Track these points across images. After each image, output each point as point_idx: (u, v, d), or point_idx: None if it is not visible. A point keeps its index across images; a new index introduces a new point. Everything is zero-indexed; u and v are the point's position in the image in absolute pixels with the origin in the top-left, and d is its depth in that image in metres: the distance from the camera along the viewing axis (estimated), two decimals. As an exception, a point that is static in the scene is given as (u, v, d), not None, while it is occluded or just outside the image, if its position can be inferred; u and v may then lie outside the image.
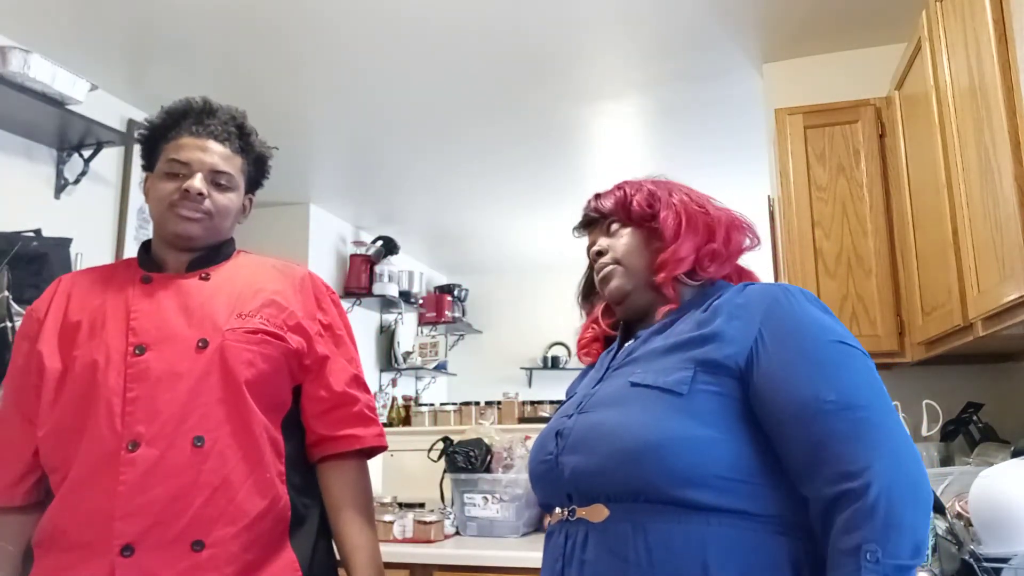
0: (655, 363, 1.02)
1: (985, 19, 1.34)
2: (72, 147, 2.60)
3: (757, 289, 1.04)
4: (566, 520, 1.01)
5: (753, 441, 0.94)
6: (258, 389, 1.25)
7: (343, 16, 2.33)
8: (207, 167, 1.30)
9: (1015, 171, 1.24)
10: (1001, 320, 1.39)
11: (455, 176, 3.81)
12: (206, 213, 1.30)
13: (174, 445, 1.17)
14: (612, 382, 1.07)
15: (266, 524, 1.22)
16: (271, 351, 1.27)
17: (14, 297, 1.97)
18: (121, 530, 1.13)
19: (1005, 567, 1.24)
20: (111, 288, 1.31)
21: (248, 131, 1.39)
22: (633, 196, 1.16)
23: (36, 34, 2.37)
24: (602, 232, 1.20)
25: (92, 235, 2.71)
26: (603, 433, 0.98)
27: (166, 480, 1.16)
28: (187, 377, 1.21)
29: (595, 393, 1.07)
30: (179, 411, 1.19)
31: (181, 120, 1.33)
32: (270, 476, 1.23)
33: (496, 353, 5.67)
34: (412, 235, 4.78)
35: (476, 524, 2.31)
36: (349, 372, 1.37)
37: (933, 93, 1.68)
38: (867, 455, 0.86)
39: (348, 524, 1.31)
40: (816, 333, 0.96)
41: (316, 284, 1.41)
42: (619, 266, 1.16)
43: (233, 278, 1.34)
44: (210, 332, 1.24)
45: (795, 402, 0.91)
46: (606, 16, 2.36)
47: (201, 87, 2.81)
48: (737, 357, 0.96)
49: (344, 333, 1.41)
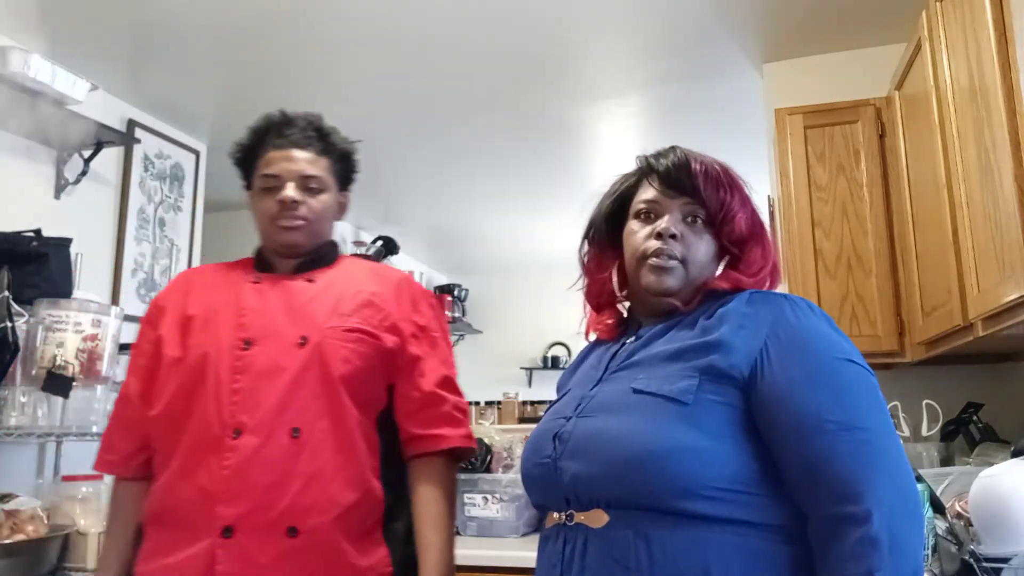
0: (659, 369, 0.99)
1: (985, 19, 1.34)
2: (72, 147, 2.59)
3: (763, 300, 1.02)
4: (564, 524, 0.99)
5: (756, 452, 0.93)
6: (353, 385, 1.31)
7: (343, 16, 2.33)
8: (295, 175, 1.38)
9: (1015, 171, 1.24)
10: (1001, 320, 1.39)
11: (455, 176, 3.81)
12: (304, 219, 1.38)
13: (273, 435, 1.25)
14: (613, 386, 1.04)
15: (358, 515, 1.27)
16: (366, 349, 1.34)
17: (14, 297, 1.96)
18: (222, 513, 1.21)
19: (1005, 567, 1.24)
20: (226, 285, 1.41)
21: (327, 132, 1.46)
22: (739, 211, 1.08)
23: (36, 34, 2.36)
24: (679, 208, 1.08)
25: (92, 235, 2.71)
26: (605, 441, 0.96)
27: (264, 468, 1.23)
28: (288, 371, 1.28)
29: (594, 396, 1.04)
30: (279, 403, 1.26)
31: (264, 136, 1.43)
32: (363, 470, 1.30)
33: (496, 353, 5.67)
34: (412, 235, 4.78)
35: (476, 524, 2.31)
36: (440, 373, 1.41)
37: (933, 93, 1.68)
38: (868, 478, 0.86)
39: (423, 522, 1.33)
40: (822, 349, 0.95)
41: (413, 288, 1.48)
42: (682, 267, 1.07)
43: (335, 281, 1.42)
44: (311, 330, 1.32)
45: (797, 419, 0.91)
46: (607, 16, 2.36)
47: (201, 87, 2.83)
48: (741, 368, 0.94)
49: (439, 335, 1.46)
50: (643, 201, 1.11)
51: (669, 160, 1.09)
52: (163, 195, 3.07)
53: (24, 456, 2.35)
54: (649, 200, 1.10)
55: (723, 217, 1.07)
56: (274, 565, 1.20)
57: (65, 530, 2.00)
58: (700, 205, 1.07)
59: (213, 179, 3.39)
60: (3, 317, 1.88)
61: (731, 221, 1.07)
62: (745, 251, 1.10)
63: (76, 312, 2.03)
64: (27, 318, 2.00)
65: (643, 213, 1.10)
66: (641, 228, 1.10)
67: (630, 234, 1.11)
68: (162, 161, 3.07)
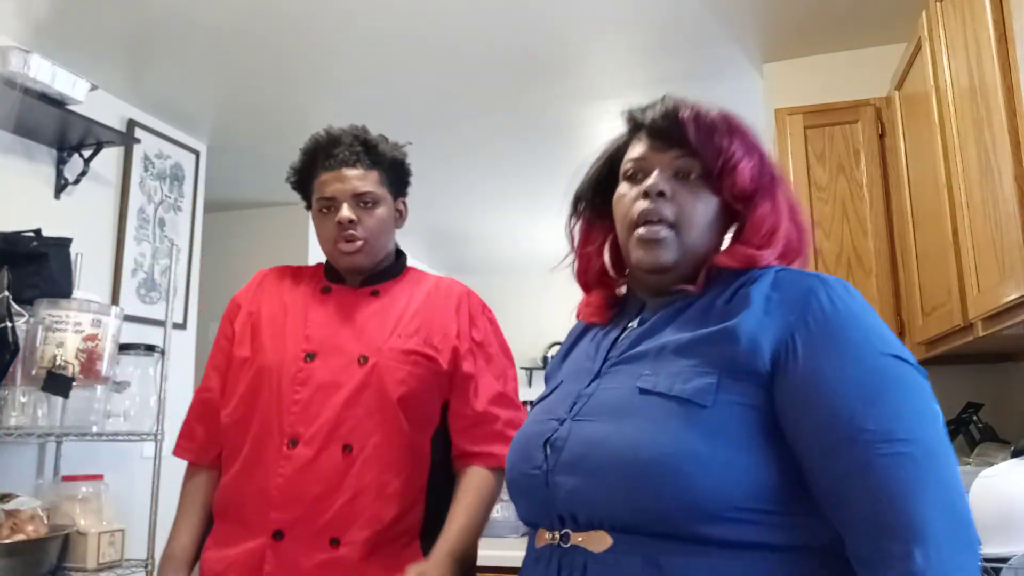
0: (668, 364, 0.83)
1: (985, 19, 1.34)
2: (72, 147, 2.59)
3: (791, 279, 0.85)
4: (557, 546, 0.83)
5: (782, 460, 0.78)
6: (409, 406, 1.34)
7: (343, 17, 2.33)
8: (348, 194, 1.41)
9: (1015, 171, 1.24)
10: (1001, 320, 1.39)
11: (455, 176, 3.81)
12: (363, 239, 1.41)
13: (326, 449, 1.29)
14: (614, 382, 0.88)
15: (398, 530, 1.31)
16: (422, 371, 1.37)
17: (14, 297, 1.96)
18: (275, 517, 1.27)
19: (1005, 567, 1.24)
20: (297, 291, 1.46)
21: (373, 143, 1.48)
22: (742, 159, 0.90)
23: (36, 34, 2.36)
24: (670, 163, 0.92)
25: (92, 235, 2.71)
26: (608, 453, 0.80)
27: (315, 479, 1.28)
28: (345, 388, 1.32)
29: (592, 395, 0.88)
30: (334, 418, 1.30)
31: (314, 158, 1.45)
32: (409, 488, 1.33)
33: (496, 353, 5.67)
34: (412, 235, 4.78)
35: (476, 524, 2.31)
36: (494, 389, 1.43)
37: (933, 93, 1.68)
38: (910, 505, 0.70)
39: (455, 505, 1.35)
40: (860, 341, 0.79)
41: (472, 303, 1.51)
42: (674, 234, 0.90)
43: (400, 296, 1.46)
44: (371, 349, 1.36)
45: (825, 426, 0.75)
46: (607, 16, 2.36)
47: (201, 87, 2.83)
48: (763, 361, 0.79)
49: (496, 350, 1.49)
50: (631, 160, 0.96)
51: (656, 110, 0.95)
52: (163, 195, 3.07)
53: (24, 456, 2.35)
54: (637, 158, 0.95)
55: (723, 167, 0.90)
56: (315, 571, 1.25)
57: (65, 530, 2.01)
58: (693, 157, 0.91)
59: (213, 179, 3.39)
60: (3, 317, 1.88)
61: (733, 172, 0.90)
62: (751, 209, 0.92)
63: (76, 312, 2.03)
64: (27, 318, 2.00)
65: (631, 173, 0.96)
66: (629, 191, 0.95)
67: (618, 199, 0.97)
68: (162, 161, 3.07)
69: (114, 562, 2.14)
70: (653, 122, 0.95)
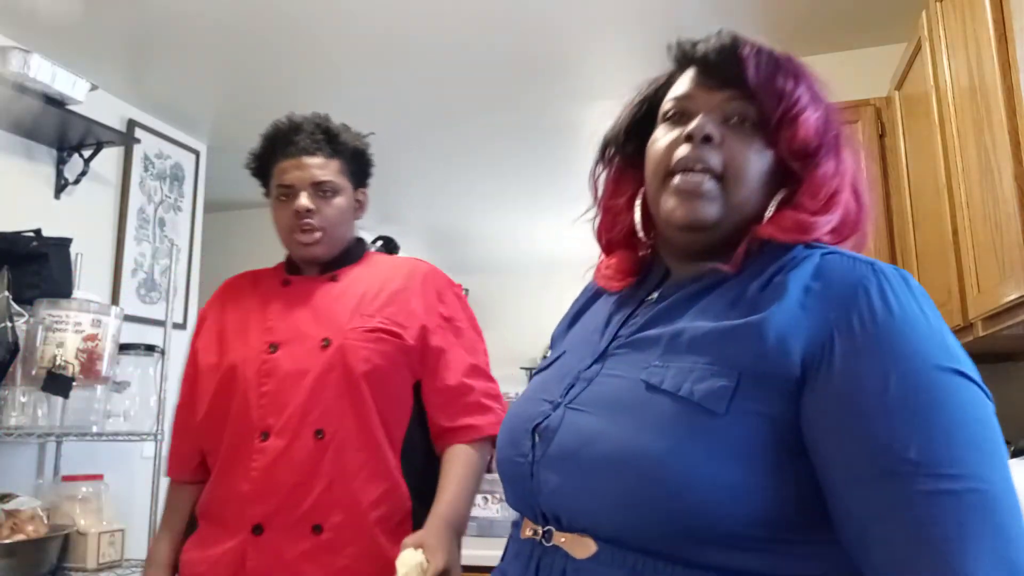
0: (681, 356, 0.71)
1: (985, 19, 1.34)
2: (72, 147, 2.59)
3: (839, 267, 0.70)
4: (539, 543, 0.75)
5: (800, 483, 0.65)
6: (376, 384, 1.33)
7: (343, 17, 2.33)
8: (307, 182, 1.39)
9: (1015, 171, 1.24)
10: (1001, 320, 1.39)
11: (455, 176, 3.81)
12: (321, 229, 1.40)
13: (298, 436, 1.28)
14: (618, 368, 0.76)
15: (382, 512, 1.30)
16: (388, 348, 1.35)
17: (14, 297, 1.96)
18: (252, 512, 1.27)
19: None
20: (258, 290, 1.46)
21: (335, 132, 1.45)
22: (806, 107, 0.76)
23: (36, 34, 2.36)
24: (721, 104, 0.78)
25: (92, 235, 2.71)
26: (599, 454, 0.69)
27: (290, 468, 1.27)
28: (311, 373, 1.31)
29: (592, 380, 0.77)
30: (303, 405, 1.30)
31: (274, 145, 1.43)
32: (386, 467, 1.32)
33: (496, 353, 5.64)
34: (412, 235, 4.78)
35: (476, 524, 2.31)
36: (467, 362, 1.42)
37: (933, 93, 1.68)
38: (953, 555, 0.57)
39: (444, 476, 1.34)
40: (915, 351, 0.63)
41: (438, 278, 1.49)
42: (718, 187, 0.76)
43: (361, 279, 1.44)
44: (333, 332, 1.34)
45: (858, 452, 0.62)
46: (607, 16, 2.36)
47: (201, 87, 2.82)
48: (793, 365, 0.65)
49: (465, 324, 1.47)
50: (673, 98, 0.82)
51: (710, 43, 0.81)
52: (163, 195, 3.07)
53: (24, 456, 2.35)
54: (681, 96, 0.81)
55: (783, 115, 0.76)
56: (300, 561, 1.25)
57: (65, 530, 2.01)
58: (750, 100, 0.77)
59: (213, 179, 3.39)
60: (3, 317, 1.88)
61: (795, 122, 0.75)
62: (810, 167, 0.77)
63: (76, 312, 2.03)
64: (27, 318, 2.00)
65: (672, 114, 0.81)
66: (667, 134, 0.80)
67: (652, 143, 0.82)
68: (162, 161, 3.07)
69: (114, 562, 2.14)
70: (705, 56, 0.81)
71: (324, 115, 1.48)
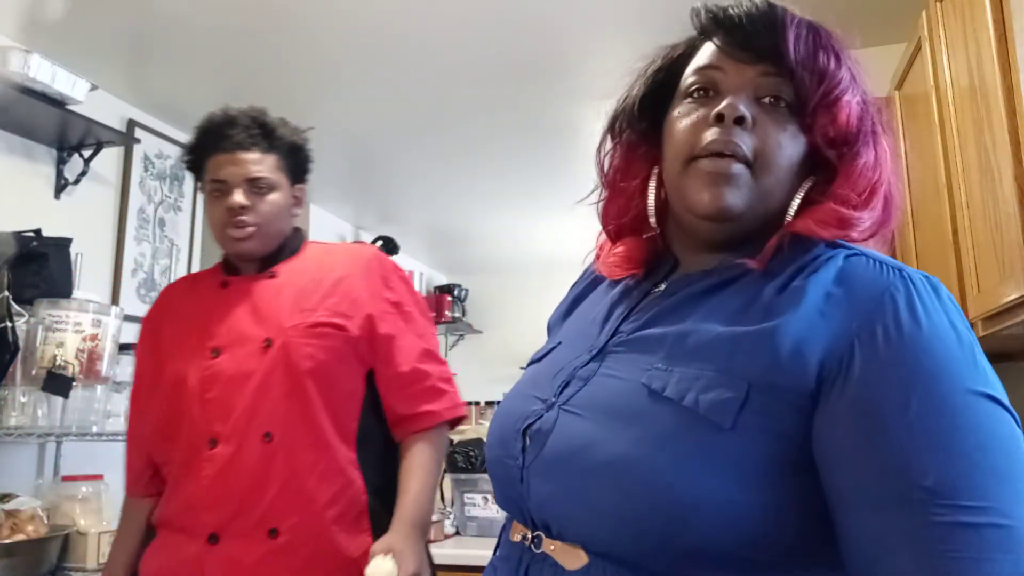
0: (689, 360, 0.65)
1: (985, 19, 1.34)
2: (72, 147, 2.59)
3: (864, 272, 0.64)
4: (528, 548, 0.71)
5: (808, 502, 0.60)
6: (321, 380, 1.31)
7: (343, 17, 2.33)
8: (241, 178, 1.35)
9: (1015, 171, 1.24)
10: (1001, 320, 1.39)
11: (455, 176, 3.80)
12: (255, 225, 1.36)
13: (246, 441, 1.26)
14: (617, 369, 0.70)
15: (338, 508, 1.29)
16: (332, 342, 1.32)
17: (14, 297, 1.96)
18: (207, 520, 1.25)
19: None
20: (198, 295, 1.42)
21: (271, 126, 1.41)
22: (847, 90, 0.70)
23: (36, 34, 2.36)
24: (755, 80, 0.70)
25: (92, 235, 2.71)
26: (595, 465, 0.64)
27: (241, 474, 1.25)
28: (255, 376, 1.28)
29: (589, 380, 0.71)
30: (248, 409, 1.27)
31: (208, 137, 1.38)
32: (340, 463, 1.30)
33: (496, 353, 5.66)
34: (412, 235, 4.78)
35: (476, 524, 2.31)
36: (419, 347, 1.40)
37: (933, 93, 1.68)
38: None
39: (404, 471, 1.35)
40: (943, 370, 0.58)
41: (383, 263, 1.45)
42: (748, 172, 0.68)
43: (300, 271, 1.40)
44: (274, 331, 1.31)
45: (871, 476, 0.57)
46: (607, 16, 2.36)
47: (201, 87, 2.82)
48: (808, 377, 0.60)
49: (413, 309, 1.44)
50: (697, 70, 0.73)
51: (743, 6, 0.71)
52: (163, 195, 3.07)
53: (24, 456, 2.35)
54: (707, 66, 0.72)
55: (822, 99, 0.68)
56: (258, 566, 1.23)
57: (65, 530, 2.01)
58: (786, 78, 0.69)
59: (213, 179, 3.39)
60: (3, 317, 1.88)
61: (834, 106, 0.69)
62: (848, 158, 0.70)
63: (76, 312, 2.03)
64: (27, 318, 2.00)
65: (697, 89, 0.73)
66: (692, 112, 0.72)
67: (673, 121, 0.73)
68: (162, 161, 3.07)
69: (114, 562, 2.14)
70: (737, 21, 0.70)
71: (261, 109, 1.43)
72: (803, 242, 0.69)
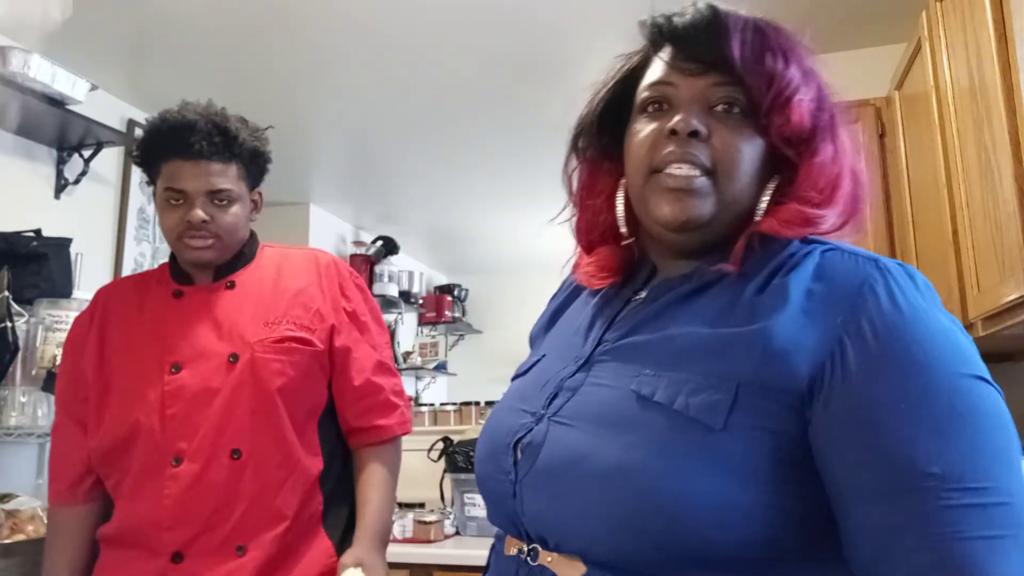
0: (676, 364, 0.66)
1: (985, 19, 1.34)
2: (72, 147, 2.59)
3: (840, 266, 0.65)
4: (524, 562, 0.70)
5: (807, 500, 0.61)
6: (291, 396, 1.29)
7: (343, 17, 2.33)
8: (203, 191, 1.29)
9: (1015, 171, 1.24)
10: (1001, 320, 1.39)
11: (455, 176, 3.80)
12: (215, 236, 1.31)
13: (214, 459, 1.23)
14: (605, 377, 0.71)
15: (303, 521, 1.28)
16: (300, 357, 1.30)
17: (14, 297, 1.96)
18: (170, 539, 1.21)
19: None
20: (145, 301, 1.35)
21: (232, 133, 1.32)
22: (797, 88, 0.69)
23: (36, 34, 2.36)
24: (705, 91, 0.71)
25: (92, 235, 2.71)
26: (590, 475, 0.64)
27: (208, 493, 1.22)
28: (221, 393, 1.25)
29: (577, 390, 0.72)
30: (215, 426, 1.24)
31: (164, 139, 1.29)
32: (305, 478, 1.29)
33: (496, 353, 5.66)
34: (412, 235, 4.78)
35: (476, 524, 2.31)
36: (373, 359, 1.39)
37: (933, 93, 1.68)
38: (979, 573, 0.53)
39: (363, 484, 1.35)
40: (933, 357, 0.59)
41: (340, 271, 1.43)
42: (710, 183, 0.69)
43: (259, 280, 1.37)
44: (240, 346, 1.28)
45: (876, 469, 0.58)
46: (607, 16, 2.36)
47: (201, 87, 2.81)
48: (799, 377, 0.61)
49: (369, 319, 1.43)
50: (650, 86, 0.74)
51: (687, 17, 0.71)
52: (163, 195, 3.07)
53: (24, 456, 2.35)
54: (658, 82, 0.73)
55: (774, 100, 0.69)
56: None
57: (65, 530, 2.00)
58: (736, 84, 0.70)
59: (213, 179, 3.39)
60: (3, 317, 1.88)
61: (787, 106, 0.69)
62: (807, 155, 0.70)
63: (76, 312, 2.02)
64: (27, 318, 2.00)
65: (651, 103, 0.73)
66: (648, 126, 0.73)
67: (632, 136, 0.75)
68: (162, 161, 3.06)
69: (114, 562, 2.14)
70: (682, 33, 0.71)
71: (220, 110, 1.34)
72: (777, 240, 0.69)
